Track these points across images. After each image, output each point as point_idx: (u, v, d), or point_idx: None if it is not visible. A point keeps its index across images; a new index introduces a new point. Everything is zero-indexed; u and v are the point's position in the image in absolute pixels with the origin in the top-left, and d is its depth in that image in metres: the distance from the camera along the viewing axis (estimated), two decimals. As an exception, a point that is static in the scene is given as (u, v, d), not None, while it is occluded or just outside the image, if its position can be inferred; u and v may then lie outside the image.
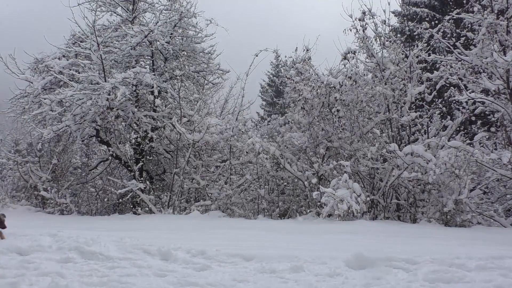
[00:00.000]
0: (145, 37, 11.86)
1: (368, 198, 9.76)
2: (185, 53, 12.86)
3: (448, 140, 9.78)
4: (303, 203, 11.56)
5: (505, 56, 9.45)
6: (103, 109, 11.19)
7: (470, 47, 11.11)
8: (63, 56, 12.85)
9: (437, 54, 11.63)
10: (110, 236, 6.02)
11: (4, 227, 5.77)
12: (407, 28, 13.16)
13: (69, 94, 10.87)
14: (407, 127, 11.13)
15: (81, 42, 12.55)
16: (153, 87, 11.36)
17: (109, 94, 10.98)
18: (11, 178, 13.41)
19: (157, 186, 12.95)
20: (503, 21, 10.27)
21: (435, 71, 11.41)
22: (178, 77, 12.44)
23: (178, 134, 11.89)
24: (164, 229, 7.94)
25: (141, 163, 12.00)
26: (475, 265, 4.36)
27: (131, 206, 12.15)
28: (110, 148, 12.01)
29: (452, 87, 11.34)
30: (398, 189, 10.30)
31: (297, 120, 11.59)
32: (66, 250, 5.04)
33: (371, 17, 11.11)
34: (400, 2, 17.44)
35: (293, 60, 11.96)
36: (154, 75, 11.87)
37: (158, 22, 12.25)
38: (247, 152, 11.15)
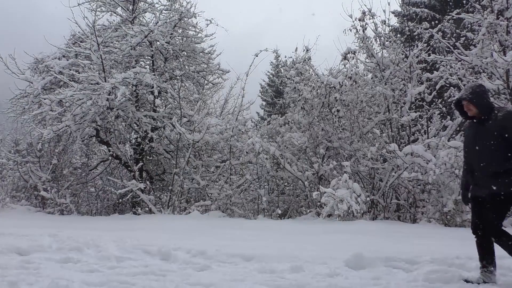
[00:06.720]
0: (145, 37, 11.85)
1: (368, 198, 9.76)
2: (185, 53, 12.86)
3: (448, 140, 9.77)
4: (303, 203, 11.56)
5: (505, 56, 9.44)
6: (103, 109, 11.19)
7: (470, 47, 11.10)
8: (63, 56, 12.83)
9: (437, 54, 11.61)
10: (110, 236, 6.02)
11: None
12: (407, 28, 13.13)
13: (69, 94, 10.86)
14: (407, 127, 11.13)
15: (81, 42, 12.55)
16: (153, 87, 11.35)
17: (109, 94, 10.97)
18: (11, 178, 13.36)
19: (157, 186, 12.93)
20: (503, 21, 10.26)
21: (435, 71, 11.39)
22: (178, 77, 12.43)
23: (178, 134, 11.88)
24: (164, 229, 7.94)
25: (141, 163, 11.99)
26: (475, 265, 4.36)
27: (131, 206, 12.15)
28: (110, 148, 12.00)
29: (452, 87, 11.34)
30: (398, 189, 10.29)
31: (297, 120, 11.59)
32: (66, 250, 5.05)
33: (371, 17, 11.11)
34: (400, 2, 17.46)
35: (293, 60, 11.97)
36: (154, 75, 11.85)
37: (158, 22, 12.24)
38: (247, 152, 11.15)
